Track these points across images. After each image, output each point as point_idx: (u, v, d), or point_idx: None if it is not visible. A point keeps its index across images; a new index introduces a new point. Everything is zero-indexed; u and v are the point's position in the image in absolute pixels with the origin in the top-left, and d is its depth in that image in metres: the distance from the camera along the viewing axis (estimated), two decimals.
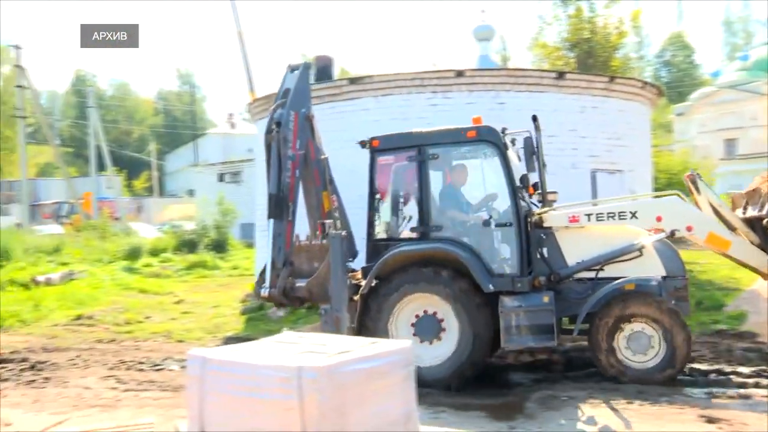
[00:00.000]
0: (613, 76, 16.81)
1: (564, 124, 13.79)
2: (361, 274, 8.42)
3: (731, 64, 57.17)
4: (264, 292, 8.71)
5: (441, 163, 8.36)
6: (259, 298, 9.16)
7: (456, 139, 8.33)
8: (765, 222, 7.67)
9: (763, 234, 7.71)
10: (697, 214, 7.98)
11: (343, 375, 4.01)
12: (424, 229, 8.11)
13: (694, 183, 8.11)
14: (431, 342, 7.88)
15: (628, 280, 7.69)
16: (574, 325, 7.92)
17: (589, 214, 8.07)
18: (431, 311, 7.94)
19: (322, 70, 18.28)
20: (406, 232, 8.35)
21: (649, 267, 7.89)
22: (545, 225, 8.14)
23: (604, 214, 8.03)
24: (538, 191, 8.58)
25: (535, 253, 8.05)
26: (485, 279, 7.76)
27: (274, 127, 8.90)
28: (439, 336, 7.91)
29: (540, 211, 8.26)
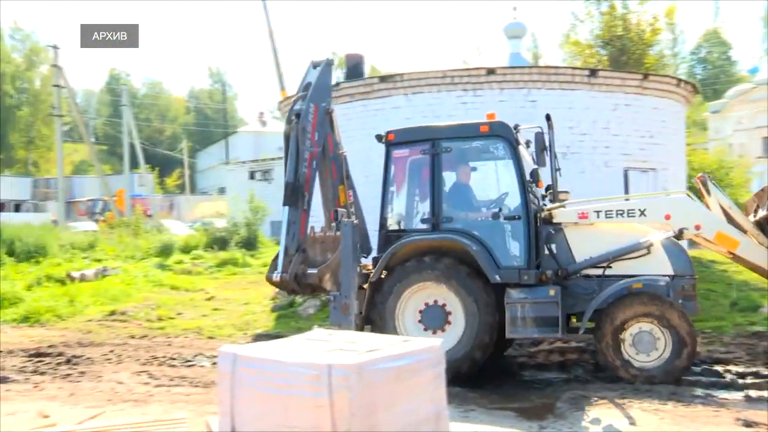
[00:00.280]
0: (647, 73, 16.58)
1: (596, 122, 13.67)
2: (372, 265, 8.56)
3: None
4: (276, 277, 8.92)
5: (454, 156, 8.48)
6: (271, 283, 9.30)
7: (469, 133, 8.50)
8: (758, 218, 7.69)
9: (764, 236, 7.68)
10: (705, 213, 7.96)
11: (374, 373, 4.01)
12: (434, 220, 8.25)
13: (705, 184, 8.10)
14: (437, 332, 7.97)
15: (635, 279, 7.73)
16: (580, 323, 7.93)
17: (598, 211, 8.11)
18: (438, 301, 8.07)
19: (353, 68, 18.36)
20: (418, 223, 8.49)
21: (657, 265, 7.88)
22: (555, 221, 8.25)
23: (613, 211, 8.06)
24: (550, 190, 8.71)
25: (544, 248, 8.13)
26: (492, 270, 7.89)
27: (294, 118, 9.11)
28: (445, 326, 8.01)
29: (550, 206, 8.37)
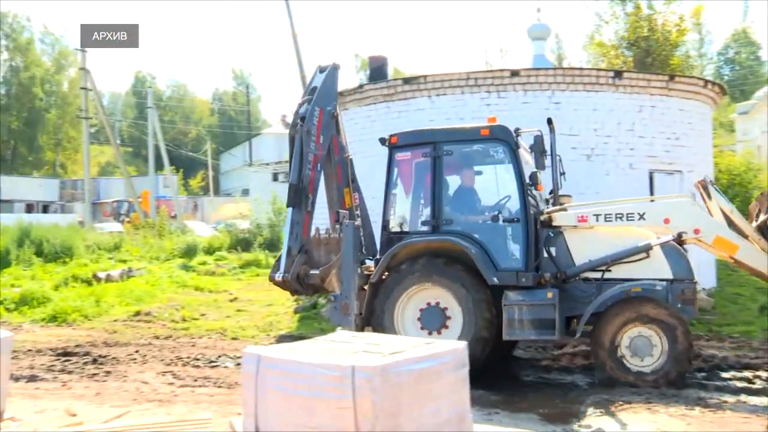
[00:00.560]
0: (673, 74, 16.40)
1: (621, 124, 13.54)
2: (374, 266, 8.65)
3: None
4: (278, 277, 9.06)
5: (455, 159, 8.57)
6: (274, 283, 9.41)
7: (470, 137, 8.59)
8: (759, 223, 7.67)
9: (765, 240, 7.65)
10: (704, 217, 7.95)
11: (397, 375, 4.01)
12: (435, 222, 8.37)
13: (705, 189, 8.09)
14: (433, 333, 8.04)
15: (634, 283, 7.75)
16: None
17: (597, 215, 8.14)
18: (437, 302, 8.14)
19: (377, 70, 18.37)
20: (419, 225, 8.59)
21: (656, 269, 7.88)
22: (555, 224, 8.29)
23: (612, 214, 8.09)
24: (551, 193, 8.83)
25: (543, 251, 8.19)
26: (490, 272, 7.98)
27: (299, 121, 9.25)
28: (444, 327, 8.08)
29: (550, 209, 8.41)
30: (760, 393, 7.40)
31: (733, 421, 6.31)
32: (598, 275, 8.03)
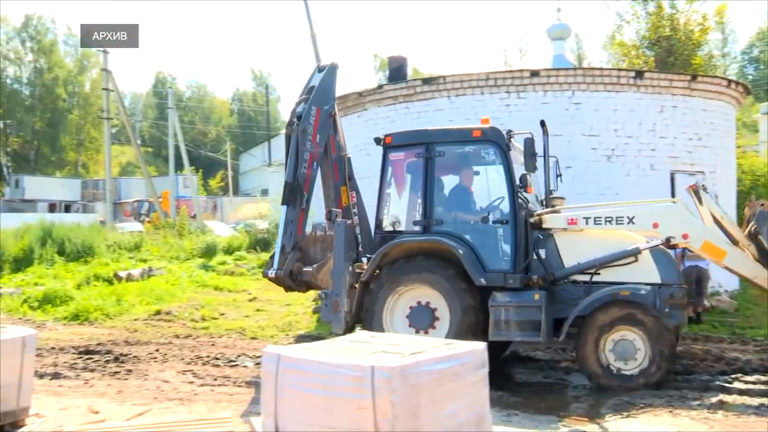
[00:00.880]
0: (696, 74, 16.24)
1: (642, 125, 13.45)
2: (366, 264, 8.71)
3: None
4: (271, 274, 9.24)
5: (447, 160, 8.64)
6: (267, 279, 9.56)
7: (462, 138, 8.66)
8: (752, 228, 7.61)
9: (757, 246, 7.63)
10: (694, 222, 7.92)
11: (417, 375, 4.01)
12: (426, 222, 8.43)
13: (697, 194, 8.03)
14: (426, 332, 8.09)
15: (620, 287, 7.74)
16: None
17: (587, 218, 8.16)
18: (426, 302, 8.20)
19: (396, 71, 18.37)
20: (411, 225, 8.66)
21: (644, 273, 7.87)
22: (545, 226, 8.32)
23: (602, 218, 8.10)
24: (550, 195, 8.88)
25: (533, 253, 8.23)
26: (477, 273, 8.03)
27: (295, 120, 9.38)
28: (432, 327, 8.14)
29: (540, 212, 8.44)
30: None
31: (758, 426, 6.22)
32: (587, 278, 8.07)
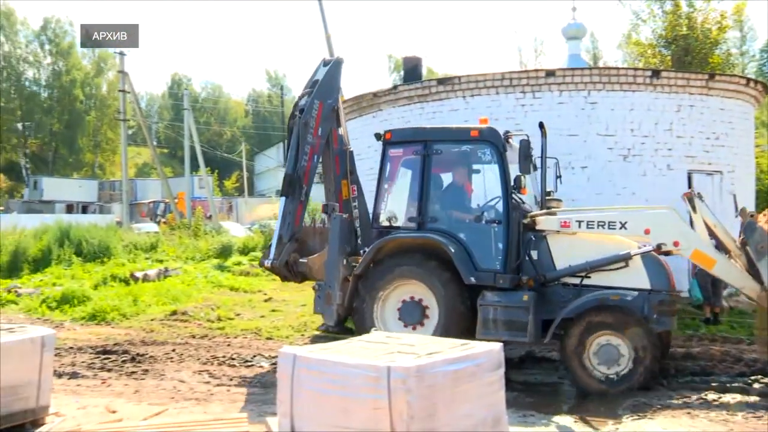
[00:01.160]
0: (714, 73, 16.10)
1: (659, 124, 13.36)
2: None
3: None
4: (267, 263, 9.39)
5: (444, 159, 8.70)
6: (263, 269, 9.72)
7: (460, 137, 8.74)
8: (741, 239, 7.60)
9: (747, 256, 7.60)
10: (685, 230, 7.93)
11: (432, 376, 4.01)
12: (420, 219, 8.49)
13: (691, 201, 8.02)
14: (414, 327, 8.21)
15: (609, 292, 7.75)
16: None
17: (580, 221, 8.18)
18: (417, 298, 8.30)
19: (411, 71, 18.35)
20: (406, 221, 8.72)
21: (635, 279, 7.87)
22: (538, 227, 8.34)
23: (594, 222, 8.11)
24: (550, 196, 8.87)
25: (525, 254, 8.27)
26: (467, 271, 8.09)
27: (297, 113, 9.46)
28: (422, 322, 8.24)
29: (534, 213, 8.47)
30: None
31: None
32: (578, 281, 8.08)
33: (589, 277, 8.02)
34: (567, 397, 7.63)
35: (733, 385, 7.77)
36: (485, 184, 8.65)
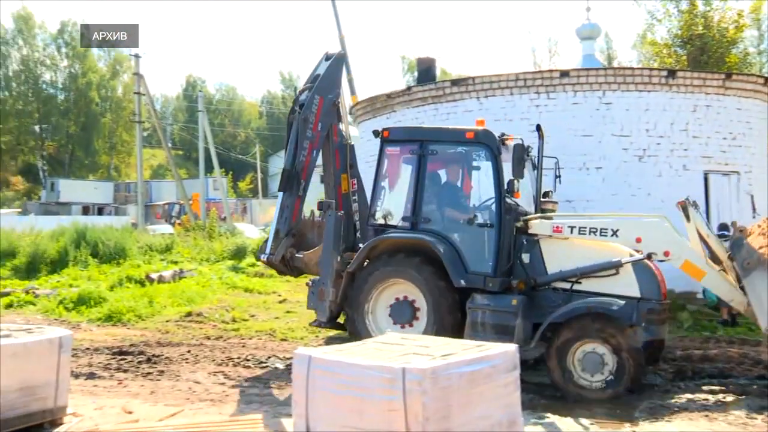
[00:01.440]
0: (730, 72, 15.96)
1: (675, 124, 13.27)
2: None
3: None
4: (263, 258, 9.45)
5: (439, 159, 8.73)
6: (260, 262, 9.82)
7: (456, 138, 8.74)
8: (728, 255, 7.53)
9: (734, 270, 7.51)
10: (676, 240, 7.86)
11: (448, 377, 4.00)
12: (414, 219, 8.54)
13: (685, 210, 7.95)
14: (404, 326, 8.25)
15: (597, 299, 7.70)
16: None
17: (572, 227, 8.14)
18: (408, 297, 8.35)
19: (425, 72, 18.35)
20: (400, 220, 8.74)
21: (625, 286, 7.81)
22: (530, 231, 8.32)
23: (586, 228, 8.08)
24: (547, 198, 8.99)
25: (517, 257, 8.26)
26: (457, 273, 8.12)
27: (297, 108, 9.46)
28: (412, 321, 8.30)
29: (527, 217, 8.44)
30: None
31: None
32: (568, 286, 8.04)
33: (579, 282, 7.98)
34: (584, 399, 7.57)
35: (753, 387, 7.69)
36: (479, 186, 8.67)
